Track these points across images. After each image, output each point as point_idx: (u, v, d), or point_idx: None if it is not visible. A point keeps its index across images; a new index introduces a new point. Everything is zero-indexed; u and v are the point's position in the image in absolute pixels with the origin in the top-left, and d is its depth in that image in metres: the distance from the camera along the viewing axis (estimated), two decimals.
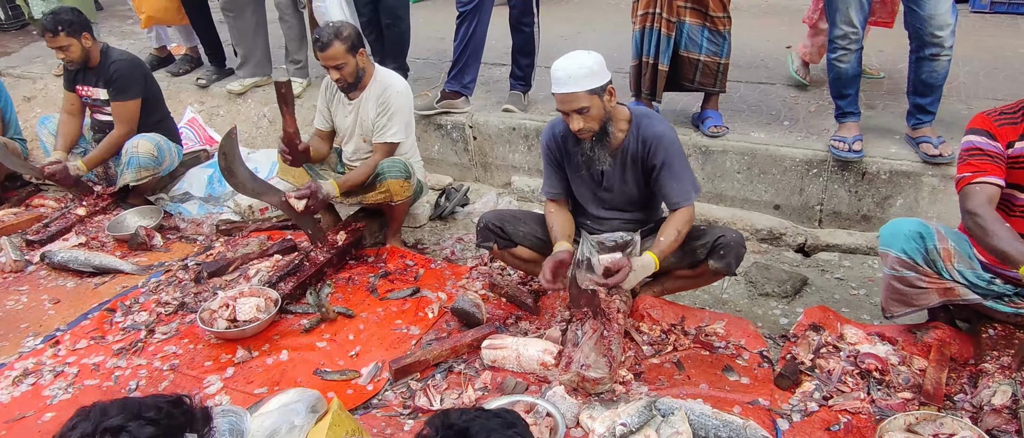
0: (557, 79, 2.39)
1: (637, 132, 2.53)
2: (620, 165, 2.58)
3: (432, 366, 2.59)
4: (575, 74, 2.34)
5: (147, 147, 3.82)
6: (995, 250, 2.12)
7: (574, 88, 2.35)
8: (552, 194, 2.76)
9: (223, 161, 3.03)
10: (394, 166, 3.25)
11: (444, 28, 5.59)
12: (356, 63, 3.19)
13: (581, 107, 2.37)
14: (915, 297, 2.36)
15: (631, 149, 2.55)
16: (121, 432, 1.24)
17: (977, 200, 2.17)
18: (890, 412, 2.16)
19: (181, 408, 1.35)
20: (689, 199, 2.52)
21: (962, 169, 2.24)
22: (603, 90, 2.40)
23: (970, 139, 2.24)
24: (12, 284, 3.42)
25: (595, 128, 2.45)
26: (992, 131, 2.18)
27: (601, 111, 2.42)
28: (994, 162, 2.17)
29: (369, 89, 3.31)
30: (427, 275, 3.27)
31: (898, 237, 2.34)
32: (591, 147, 2.50)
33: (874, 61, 4.40)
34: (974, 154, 2.21)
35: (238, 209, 4.02)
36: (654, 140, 2.50)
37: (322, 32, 3.12)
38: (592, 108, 2.39)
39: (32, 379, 2.68)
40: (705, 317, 2.75)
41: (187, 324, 2.96)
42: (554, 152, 2.70)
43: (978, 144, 2.20)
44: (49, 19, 3.68)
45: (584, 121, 2.41)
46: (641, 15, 3.52)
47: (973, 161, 2.20)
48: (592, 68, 2.35)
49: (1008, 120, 2.16)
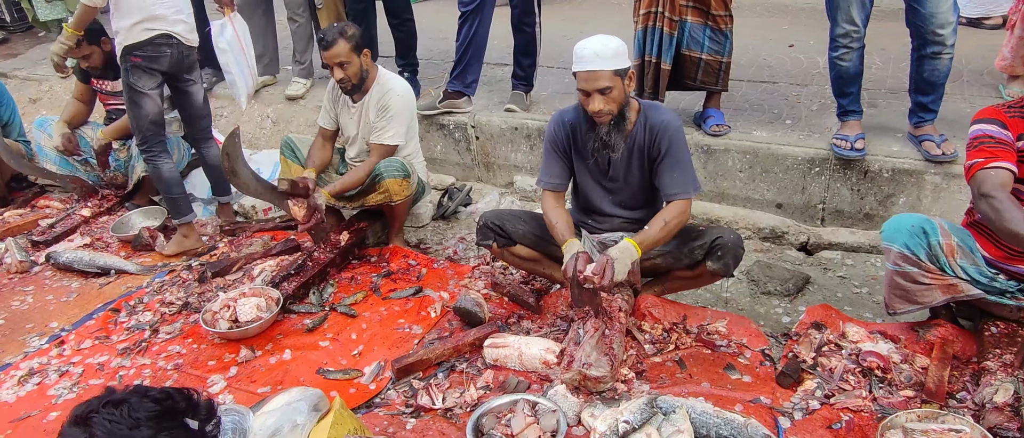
0: (582, 57, 2.36)
1: (645, 121, 2.52)
2: (627, 154, 2.57)
3: (434, 365, 2.59)
4: (602, 52, 2.33)
5: None
6: (1011, 234, 2.06)
7: (601, 66, 2.33)
8: (552, 185, 2.69)
9: (226, 162, 3.04)
10: (391, 165, 3.26)
11: (446, 28, 5.59)
12: (360, 63, 3.20)
13: (605, 87, 2.35)
14: (918, 294, 2.35)
15: (638, 138, 2.53)
16: (123, 404, 1.33)
17: (991, 183, 2.10)
18: (892, 410, 2.16)
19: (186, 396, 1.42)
20: (686, 193, 2.49)
21: (973, 155, 2.17)
22: (625, 74, 2.39)
23: (980, 127, 2.18)
24: (17, 285, 3.45)
25: (615, 111, 2.43)
26: (1003, 120, 2.13)
27: (622, 94, 2.41)
28: (1006, 149, 2.12)
29: (372, 92, 3.32)
30: (429, 274, 3.28)
31: (901, 232, 2.33)
32: (608, 131, 2.47)
33: (876, 59, 4.40)
34: (985, 141, 2.15)
35: (242, 209, 4.04)
36: (661, 128, 2.49)
37: (327, 31, 3.14)
38: (615, 89, 2.37)
39: (37, 379, 2.69)
40: (707, 316, 2.75)
41: (191, 324, 2.97)
42: (562, 142, 2.65)
43: (989, 132, 2.15)
44: None
45: (605, 102, 2.38)
46: (643, 14, 3.52)
47: (985, 148, 2.14)
48: (618, 49, 2.35)
49: (1018, 113, 2.12)
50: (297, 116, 4.78)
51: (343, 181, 3.30)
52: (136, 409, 1.32)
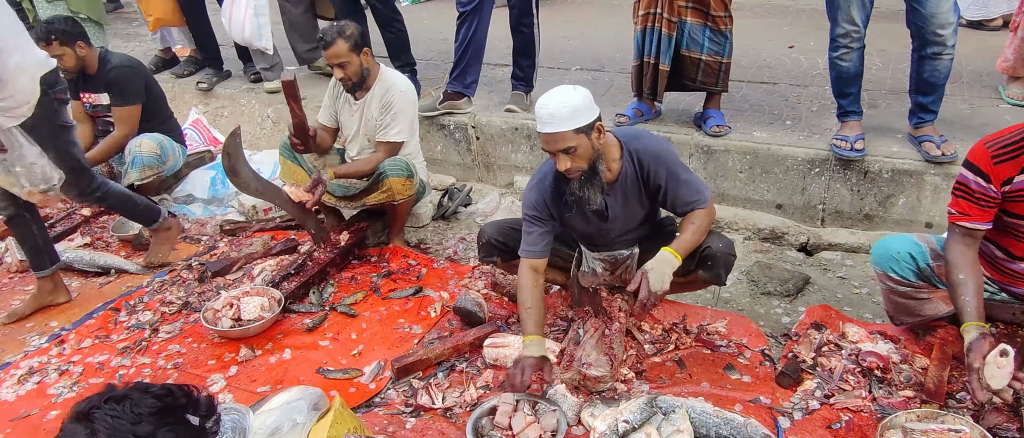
0: (541, 118, 2.23)
1: (632, 156, 2.42)
2: (622, 194, 2.46)
3: (434, 365, 2.60)
4: (558, 112, 2.18)
5: (150, 146, 3.83)
6: (952, 299, 2.15)
7: (559, 127, 2.19)
8: (531, 253, 2.49)
9: (227, 161, 3.04)
10: (396, 165, 3.26)
11: (445, 29, 5.60)
12: (360, 62, 3.21)
13: (567, 147, 2.22)
14: (920, 308, 2.37)
15: (630, 175, 2.43)
16: (124, 400, 1.34)
17: (951, 243, 2.17)
18: (891, 410, 2.16)
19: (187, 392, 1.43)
20: (704, 197, 2.41)
21: (951, 204, 2.19)
22: (591, 128, 2.23)
23: (964, 173, 2.15)
24: (18, 284, 3.45)
25: (584, 167, 2.29)
26: (987, 171, 2.09)
27: (589, 150, 2.26)
28: (980, 206, 2.12)
29: (374, 89, 3.33)
30: (429, 274, 3.28)
31: (887, 259, 2.35)
32: (580, 187, 2.33)
33: (876, 60, 4.40)
34: (963, 192, 2.15)
35: (242, 209, 4.04)
36: (651, 159, 2.39)
37: (327, 31, 3.15)
38: (579, 147, 2.23)
39: (37, 378, 2.69)
40: (707, 316, 2.75)
41: (191, 323, 2.97)
42: (542, 208, 2.48)
43: (969, 182, 2.13)
44: (41, 29, 3.61)
45: (572, 161, 2.25)
46: (642, 15, 3.53)
47: (960, 201, 2.15)
48: (577, 106, 2.20)
49: (1008, 156, 2.06)
50: None
51: (350, 166, 3.35)
52: (138, 405, 1.33)
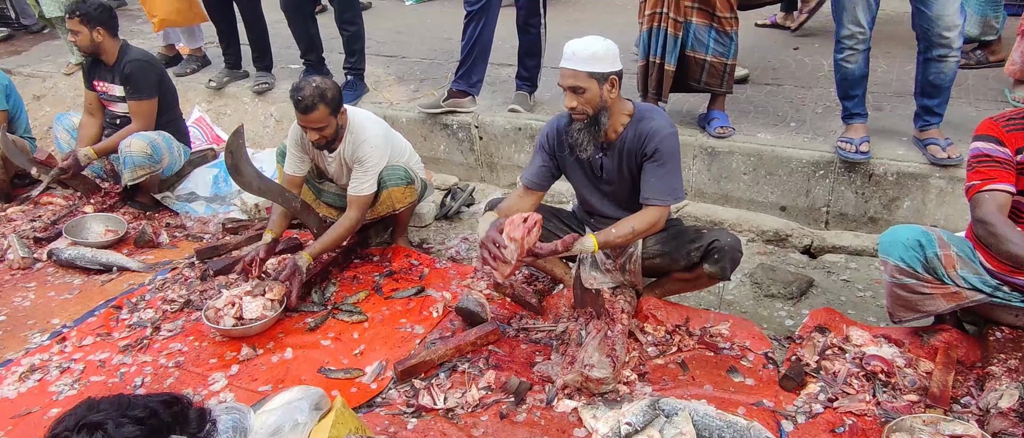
0: (564, 54, 2.44)
1: (636, 126, 2.52)
2: (617, 157, 2.57)
3: (436, 365, 2.59)
4: (579, 52, 2.39)
5: (139, 146, 3.79)
6: (1011, 256, 2.08)
7: (575, 66, 2.40)
8: (527, 180, 2.74)
9: (230, 159, 3.04)
10: (394, 173, 3.23)
11: (449, 28, 5.60)
12: (337, 123, 3.05)
13: (576, 86, 2.41)
14: (920, 303, 2.35)
15: (628, 141, 2.53)
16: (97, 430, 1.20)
17: (987, 208, 2.13)
18: (896, 414, 2.15)
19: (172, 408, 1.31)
20: (663, 200, 2.47)
21: (971, 177, 2.20)
22: (605, 78, 2.41)
23: (978, 146, 2.20)
24: (20, 281, 3.44)
25: (588, 112, 2.45)
26: (1000, 137, 2.14)
27: (597, 97, 2.43)
28: (1003, 168, 2.13)
29: (345, 142, 3.17)
30: (432, 274, 3.27)
31: (896, 245, 2.33)
32: (579, 130, 2.50)
33: (882, 62, 4.39)
34: (983, 161, 2.17)
35: (244, 207, 4.03)
36: (650, 133, 2.48)
37: (304, 93, 2.88)
38: (588, 91, 2.41)
39: (38, 375, 2.69)
40: (710, 318, 2.74)
41: (193, 322, 2.97)
42: (552, 140, 2.68)
43: (986, 151, 2.16)
44: (72, 4, 3.78)
45: (577, 101, 2.43)
46: (648, 15, 3.52)
47: (982, 168, 2.16)
48: (597, 53, 2.38)
49: (1016, 126, 2.12)
50: None
51: (324, 241, 3.10)
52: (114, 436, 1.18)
